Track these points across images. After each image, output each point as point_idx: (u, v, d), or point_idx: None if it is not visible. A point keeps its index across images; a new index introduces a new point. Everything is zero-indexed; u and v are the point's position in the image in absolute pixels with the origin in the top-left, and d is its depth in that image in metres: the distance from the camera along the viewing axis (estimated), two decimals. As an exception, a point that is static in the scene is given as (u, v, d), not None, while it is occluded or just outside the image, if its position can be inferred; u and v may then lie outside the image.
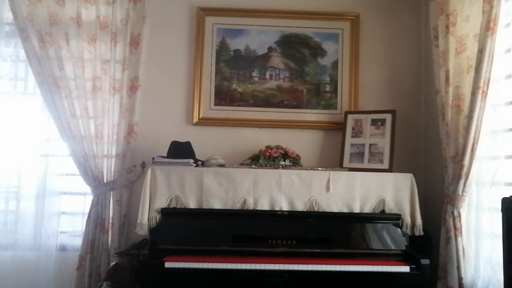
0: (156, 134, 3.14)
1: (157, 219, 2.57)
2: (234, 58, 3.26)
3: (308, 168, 2.81)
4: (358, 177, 2.70)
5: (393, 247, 2.59)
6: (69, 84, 3.03)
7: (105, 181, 3.05)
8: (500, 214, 1.94)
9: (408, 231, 2.64)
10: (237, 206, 2.63)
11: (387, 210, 2.67)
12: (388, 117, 3.00)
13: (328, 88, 3.26)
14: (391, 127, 2.97)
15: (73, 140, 3.02)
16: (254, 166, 2.85)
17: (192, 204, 2.63)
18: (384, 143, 2.96)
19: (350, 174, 2.73)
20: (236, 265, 2.35)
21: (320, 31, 3.28)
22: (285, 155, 2.99)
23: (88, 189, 3.06)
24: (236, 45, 3.27)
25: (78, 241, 3.06)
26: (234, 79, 3.26)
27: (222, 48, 3.26)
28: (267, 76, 3.26)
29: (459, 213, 2.50)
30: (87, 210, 3.04)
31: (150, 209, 2.59)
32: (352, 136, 3.08)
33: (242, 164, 2.97)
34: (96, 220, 3.02)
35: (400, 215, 2.65)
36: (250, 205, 2.63)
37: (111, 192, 3.06)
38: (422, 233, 2.63)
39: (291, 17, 3.27)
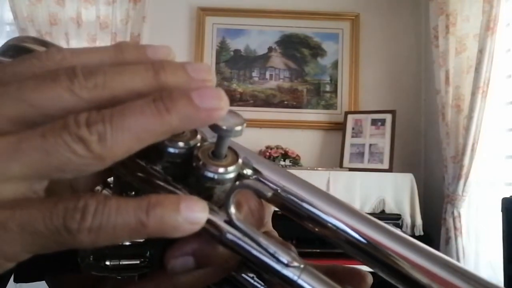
0: (156, 134, 3.14)
1: (157, 219, 2.57)
2: (234, 58, 3.26)
3: (308, 168, 2.81)
4: (358, 177, 2.69)
5: (393, 247, 2.59)
6: (69, 84, 3.04)
7: (105, 181, 3.05)
8: (500, 214, 1.94)
9: (408, 231, 2.63)
10: (237, 206, 2.63)
11: (387, 210, 2.67)
12: (388, 117, 2.99)
13: (328, 88, 3.26)
14: (391, 127, 2.96)
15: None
16: (254, 166, 2.84)
17: (192, 204, 2.62)
18: (384, 143, 2.95)
19: (350, 174, 2.73)
20: (236, 265, 2.35)
21: (320, 31, 3.28)
22: (285, 155, 2.99)
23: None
24: (236, 45, 3.26)
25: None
26: (234, 79, 3.25)
27: (222, 48, 3.26)
28: (267, 76, 3.26)
29: (459, 213, 2.49)
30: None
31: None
32: (352, 136, 3.08)
33: (242, 164, 2.97)
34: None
35: (400, 215, 2.65)
36: (250, 205, 2.62)
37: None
38: (422, 233, 2.63)
39: (291, 17, 3.26)
